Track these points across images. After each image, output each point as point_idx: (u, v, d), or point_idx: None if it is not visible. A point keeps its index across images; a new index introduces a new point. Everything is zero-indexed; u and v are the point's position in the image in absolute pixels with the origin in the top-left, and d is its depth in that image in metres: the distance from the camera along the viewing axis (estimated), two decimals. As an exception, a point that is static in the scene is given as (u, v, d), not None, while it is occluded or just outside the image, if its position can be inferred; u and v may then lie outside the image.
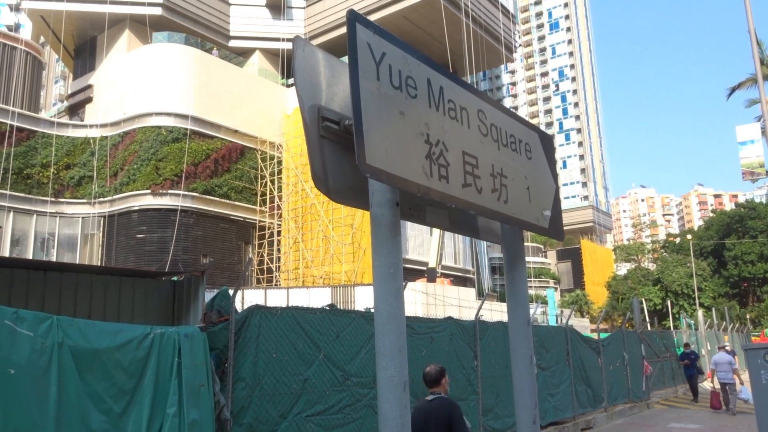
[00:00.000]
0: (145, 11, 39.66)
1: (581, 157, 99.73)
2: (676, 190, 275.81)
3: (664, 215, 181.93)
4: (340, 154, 2.11)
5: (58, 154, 35.01)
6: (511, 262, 2.75)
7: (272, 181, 39.25)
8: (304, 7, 46.22)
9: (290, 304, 26.66)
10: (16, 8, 66.78)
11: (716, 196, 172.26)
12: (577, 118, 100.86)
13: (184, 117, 36.26)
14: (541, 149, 3.01)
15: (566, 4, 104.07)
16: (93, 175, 35.64)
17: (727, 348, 21.18)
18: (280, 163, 39.85)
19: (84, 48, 42.83)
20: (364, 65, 1.97)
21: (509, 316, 2.70)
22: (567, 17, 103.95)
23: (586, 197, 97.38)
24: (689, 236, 60.80)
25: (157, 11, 40.07)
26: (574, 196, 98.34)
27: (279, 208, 38.96)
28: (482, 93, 2.64)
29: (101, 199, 35.61)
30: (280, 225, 38.99)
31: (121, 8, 39.54)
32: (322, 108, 2.09)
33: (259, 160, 39.54)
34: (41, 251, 33.51)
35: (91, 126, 37.42)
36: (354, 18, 2.01)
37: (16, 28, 66.42)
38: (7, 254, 31.00)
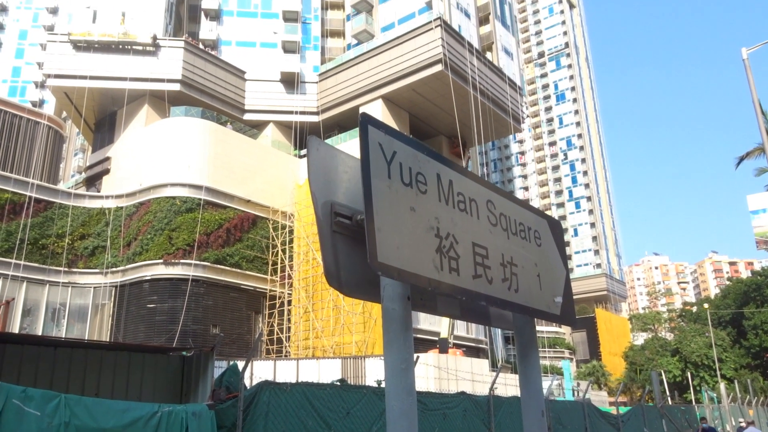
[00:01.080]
0: (165, 87, 41.16)
1: (592, 224, 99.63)
2: (690, 258, 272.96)
3: (679, 283, 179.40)
4: (351, 249, 2.16)
5: (74, 224, 35.54)
6: (523, 351, 2.73)
7: (283, 250, 39.41)
8: (316, 82, 47.76)
9: (300, 377, 26.16)
10: (41, 85, 69.56)
11: (731, 263, 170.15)
12: (587, 186, 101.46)
13: (199, 187, 36.93)
14: (550, 235, 3.05)
15: (572, 77, 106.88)
16: (107, 245, 36.01)
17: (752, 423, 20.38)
18: (291, 232, 40.15)
19: (104, 122, 44.24)
20: (375, 165, 2.05)
21: (523, 407, 2.65)
22: (573, 89, 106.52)
23: (598, 265, 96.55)
24: (706, 305, 59.63)
25: (176, 87, 41.55)
26: (586, 264, 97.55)
27: (290, 277, 38.93)
28: (491, 183, 2.70)
29: (114, 269, 35.82)
30: (290, 294, 38.85)
31: (141, 84, 41.09)
32: (335, 204, 2.15)
33: (271, 230, 39.87)
34: (51, 321, 33.45)
35: (107, 197, 38.15)
36: (366, 120, 2.10)
37: (41, 103, 69.00)
38: (17, 324, 30.96)
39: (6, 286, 31.12)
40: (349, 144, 42.90)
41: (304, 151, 46.01)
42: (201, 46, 45.35)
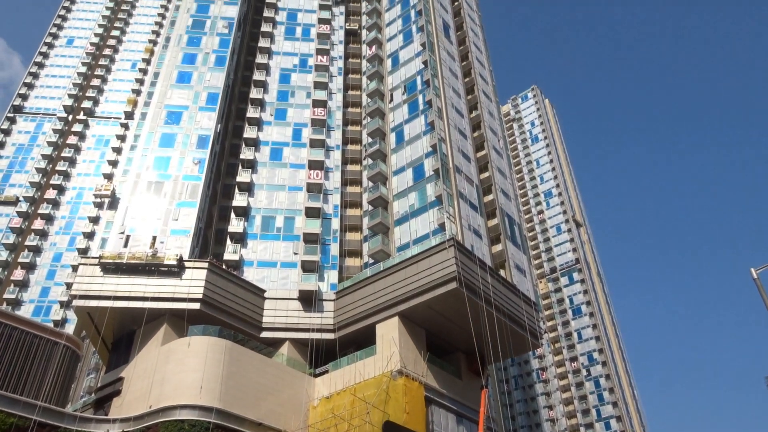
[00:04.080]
0: (185, 306, 41.99)
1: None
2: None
3: None
4: None
5: (75, 452, 33.75)
6: None
7: (294, 481, 36.58)
8: (333, 300, 48.55)
9: None
10: (66, 305, 71.56)
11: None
12: (615, 404, 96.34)
13: (209, 410, 35.67)
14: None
15: (585, 291, 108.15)
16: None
17: None
18: (303, 458, 37.65)
19: (121, 341, 44.39)
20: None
21: None
22: (588, 303, 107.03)
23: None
24: None
25: (196, 306, 42.36)
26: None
27: None
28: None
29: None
30: None
31: (162, 304, 42.04)
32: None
33: (282, 456, 37.46)
34: None
35: (113, 420, 36.78)
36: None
37: (63, 322, 70.27)
38: None
39: None
40: (364, 362, 42.18)
41: (319, 370, 45.09)
42: (224, 266, 47.24)
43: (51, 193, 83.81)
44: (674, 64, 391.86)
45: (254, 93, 61.38)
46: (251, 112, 59.70)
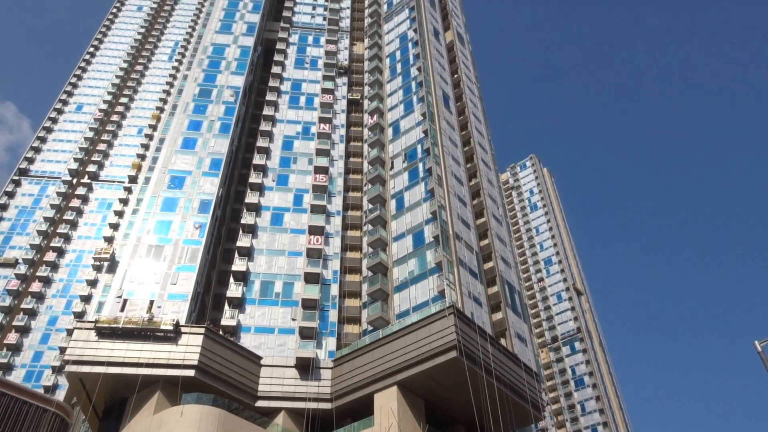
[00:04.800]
0: (180, 373, 41.10)
1: None
2: None
3: None
4: None
5: None
6: None
7: None
8: (331, 368, 47.53)
9: None
10: (58, 370, 70.08)
11: None
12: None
13: (200, 484, 34.27)
14: None
15: (588, 362, 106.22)
16: None
17: None
18: None
19: (113, 410, 43.18)
20: None
21: None
22: (591, 374, 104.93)
23: None
24: None
25: (191, 373, 41.48)
26: None
27: None
28: None
29: None
30: None
31: (156, 371, 41.17)
32: None
33: None
34: None
35: (100, 493, 35.31)
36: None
37: (54, 388, 68.64)
38: None
39: None
40: (362, 434, 40.92)
41: (314, 442, 43.65)
42: (221, 332, 46.59)
43: (50, 256, 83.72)
44: (673, 132, 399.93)
45: (257, 159, 62.40)
46: (253, 178, 60.49)
